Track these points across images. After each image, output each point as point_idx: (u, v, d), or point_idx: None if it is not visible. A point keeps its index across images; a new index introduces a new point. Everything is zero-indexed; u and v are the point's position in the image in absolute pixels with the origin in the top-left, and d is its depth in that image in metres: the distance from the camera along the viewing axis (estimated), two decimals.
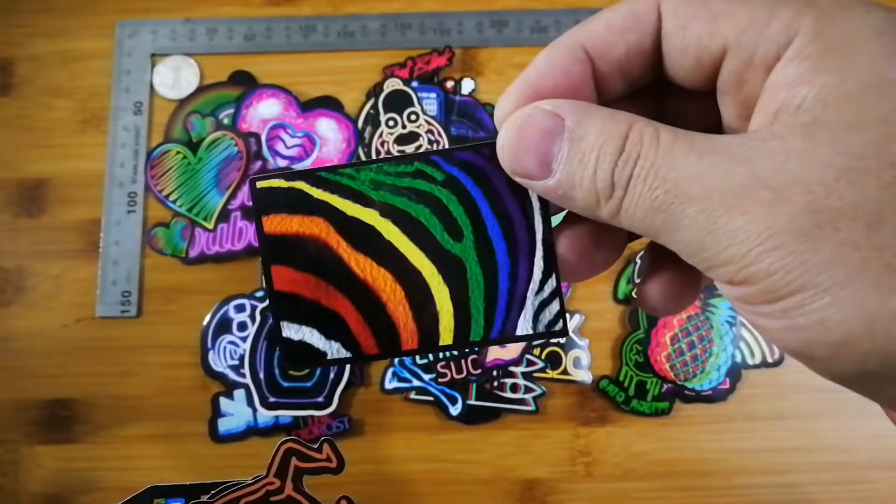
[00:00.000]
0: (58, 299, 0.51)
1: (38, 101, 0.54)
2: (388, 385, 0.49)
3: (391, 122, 0.52)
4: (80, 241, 0.52)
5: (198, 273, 0.51)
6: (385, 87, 0.53)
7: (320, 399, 0.48)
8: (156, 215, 0.52)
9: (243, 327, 0.50)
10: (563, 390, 0.50)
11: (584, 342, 0.50)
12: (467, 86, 0.54)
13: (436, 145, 0.52)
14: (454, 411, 0.49)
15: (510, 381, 0.49)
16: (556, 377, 0.49)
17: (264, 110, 0.53)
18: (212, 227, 0.51)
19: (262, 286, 0.50)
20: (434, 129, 0.52)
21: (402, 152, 0.52)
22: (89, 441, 0.49)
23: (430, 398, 0.49)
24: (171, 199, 0.51)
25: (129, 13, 0.55)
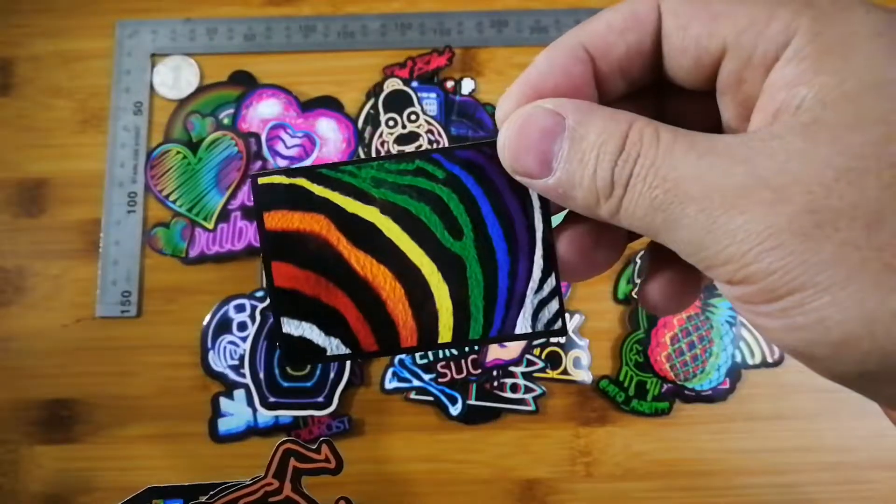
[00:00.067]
0: (58, 299, 0.51)
1: (38, 101, 0.54)
2: (388, 385, 0.49)
3: (391, 122, 0.52)
4: (80, 241, 0.52)
5: (198, 273, 0.51)
6: (385, 87, 0.53)
7: (320, 399, 0.48)
8: (156, 215, 0.52)
9: (243, 327, 0.50)
10: (563, 390, 0.50)
11: (584, 342, 0.50)
12: (467, 86, 0.54)
13: (436, 145, 0.52)
14: (454, 411, 0.49)
15: (510, 381, 0.49)
16: (556, 377, 0.49)
17: (264, 110, 0.53)
18: (212, 227, 0.51)
19: (263, 283, 0.50)
20: (434, 129, 0.52)
21: (404, 151, 0.51)
22: (89, 441, 0.49)
23: (430, 398, 0.49)
24: (171, 199, 0.51)
25: (129, 13, 0.55)
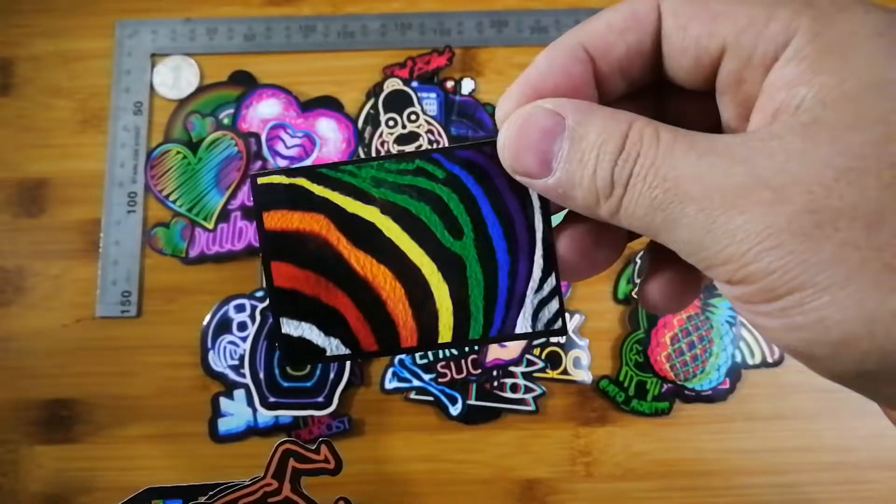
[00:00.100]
0: (58, 299, 0.51)
1: (38, 101, 0.54)
2: (388, 385, 0.49)
3: (391, 122, 0.52)
4: (80, 241, 0.52)
5: (198, 273, 0.51)
6: (385, 87, 0.53)
7: (320, 399, 0.48)
8: (156, 215, 0.52)
9: (243, 327, 0.50)
10: (563, 390, 0.50)
11: (584, 342, 0.50)
12: (467, 86, 0.54)
13: (436, 145, 0.52)
14: (454, 411, 0.49)
15: (510, 381, 0.49)
16: (556, 377, 0.49)
17: (264, 110, 0.53)
18: (212, 227, 0.51)
19: (263, 283, 0.50)
20: (434, 129, 0.52)
21: (404, 151, 0.51)
22: (89, 441, 0.49)
23: (430, 398, 0.49)
24: (171, 199, 0.51)
25: (129, 13, 0.55)
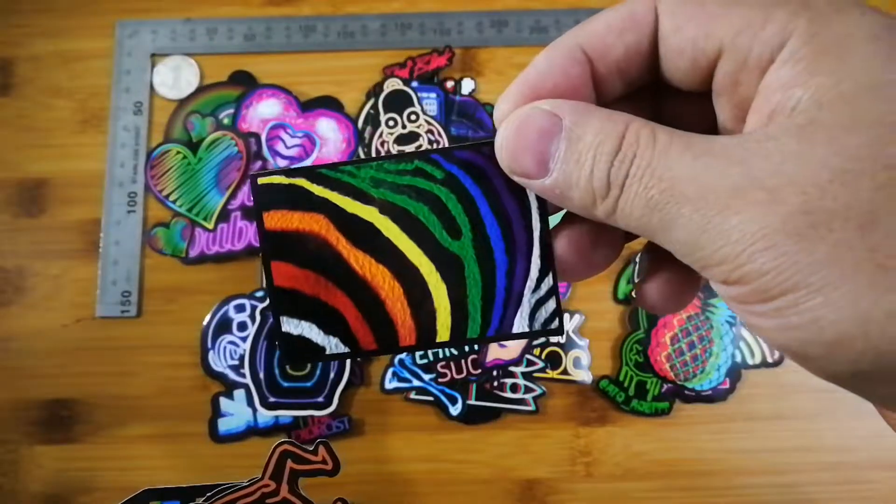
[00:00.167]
0: (58, 299, 0.51)
1: (38, 101, 0.54)
2: (388, 385, 0.49)
3: (391, 122, 0.52)
4: (80, 241, 0.52)
5: (198, 273, 0.51)
6: (385, 87, 0.53)
7: (320, 399, 0.48)
8: (156, 215, 0.52)
9: (243, 327, 0.50)
10: (563, 390, 0.50)
11: (584, 342, 0.50)
12: (467, 86, 0.54)
13: (436, 145, 0.52)
14: (454, 411, 0.49)
15: (510, 381, 0.49)
16: (556, 377, 0.49)
17: (264, 110, 0.53)
18: (212, 227, 0.51)
19: (263, 283, 0.50)
20: (434, 129, 0.52)
21: (403, 151, 0.52)
22: (89, 441, 0.49)
23: (430, 398, 0.49)
24: (171, 199, 0.51)
25: (129, 13, 0.55)
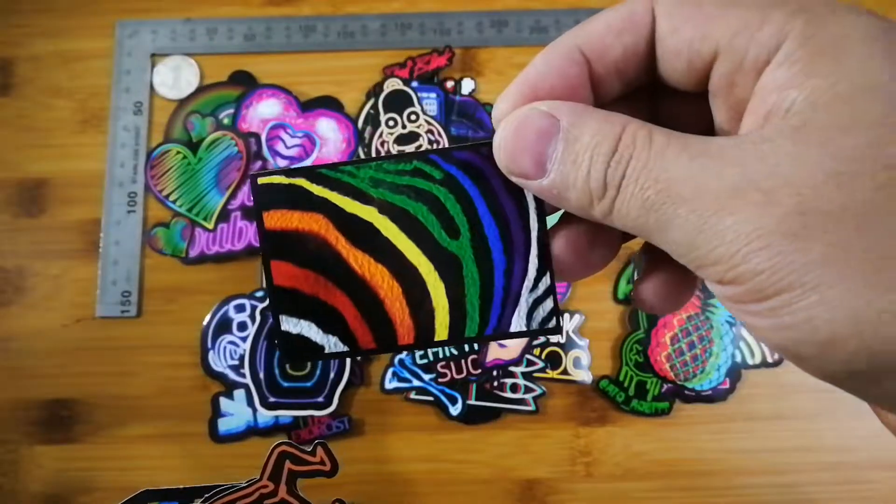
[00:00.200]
0: (58, 299, 0.51)
1: (38, 101, 0.54)
2: (388, 385, 0.49)
3: (391, 122, 0.52)
4: (80, 241, 0.52)
5: (198, 273, 0.51)
6: (385, 87, 0.53)
7: (320, 399, 0.48)
8: (156, 215, 0.52)
9: (243, 327, 0.50)
10: (563, 390, 0.50)
11: (584, 342, 0.50)
12: (467, 86, 0.54)
13: (436, 145, 0.52)
14: (454, 411, 0.49)
15: (510, 381, 0.49)
16: (556, 377, 0.49)
17: (264, 110, 0.53)
18: (212, 227, 0.51)
19: (263, 283, 0.50)
20: (434, 129, 0.52)
21: (402, 152, 0.52)
22: (89, 441, 0.49)
23: (430, 398, 0.49)
24: (171, 199, 0.51)
25: (129, 13, 0.55)
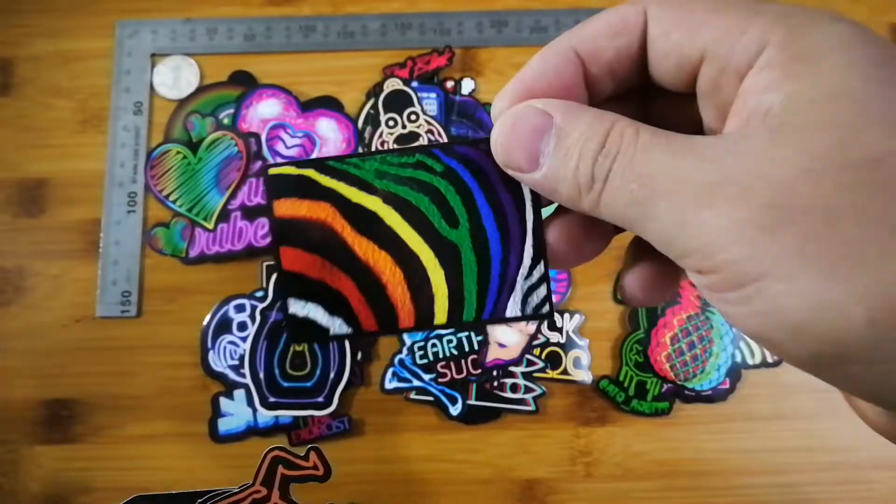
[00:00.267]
0: (58, 299, 0.51)
1: (38, 101, 0.54)
2: (388, 385, 0.49)
3: (391, 122, 0.52)
4: (80, 241, 0.52)
5: (198, 273, 0.51)
6: (385, 87, 0.53)
7: (320, 399, 0.48)
8: (156, 215, 0.52)
9: (243, 327, 0.50)
10: (563, 390, 0.50)
11: (584, 342, 0.50)
12: (467, 86, 0.54)
13: None
14: (454, 411, 0.49)
15: (510, 381, 0.49)
16: (556, 377, 0.49)
17: (264, 110, 0.53)
18: (212, 227, 0.51)
19: (263, 284, 0.51)
20: (434, 129, 0.52)
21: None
22: (89, 441, 0.49)
23: (430, 398, 0.49)
24: (171, 199, 0.51)
25: (129, 13, 0.55)
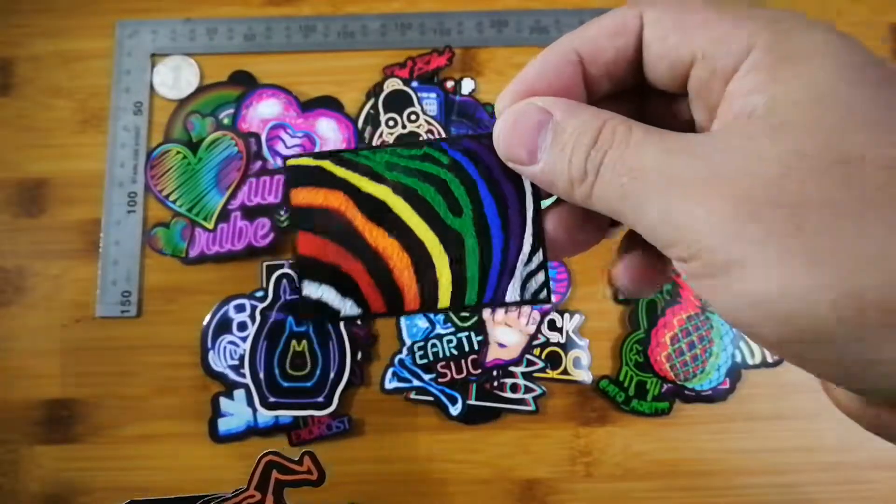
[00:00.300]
0: (58, 299, 0.51)
1: (38, 101, 0.54)
2: (388, 385, 0.49)
3: (391, 122, 0.52)
4: (80, 241, 0.52)
5: (198, 273, 0.51)
6: (385, 87, 0.53)
7: (320, 399, 0.48)
8: (156, 215, 0.52)
9: (243, 327, 0.50)
10: (563, 390, 0.50)
11: (584, 342, 0.50)
12: (467, 86, 0.54)
13: None
14: (454, 411, 0.49)
15: (510, 381, 0.49)
16: (556, 377, 0.49)
17: (264, 110, 0.53)
18: (212, 227, 0.51)
19: (262, 282, 0.51)
20: (434, 129, 0.52)
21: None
22: (89, 441, 0.49)
23: (430, 398, 0.49)
24: (171, 199, 0.51)
25: (129, 13, 0.55)
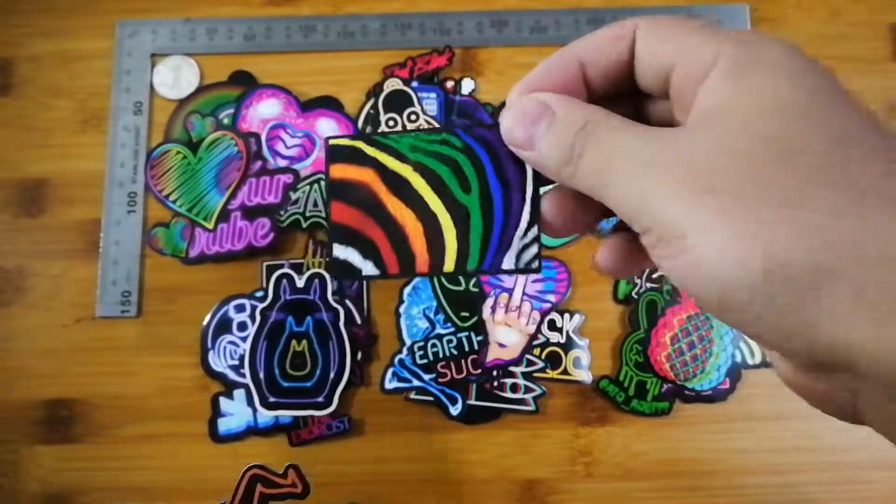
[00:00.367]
0: (58, 299, 0.51)
1: (38, 101, 0.54)
2: (388, 385, 0.49)
3: (391, 122, 0.52)
4: (80, 241, 0.52)
5: (198, 273, 0.51)
6: (385, 87, 0.53)
7: (320, 399, 0.48)
8: (156, 215, 0.52)
9: (243, 327, 0.50)
10: (563, 390, 0.50)
11: (584, 342, 0.50)
12: (467, 86, 0.54)
13: None
14: (454, 411, 0.49)
15: (510, 381, 0.49)
16: (556, 377, 0.49)
17: (264, 110, 0.53)
18: (212, 227, 0.51)
19: (261, 287, 0.51)
20: None
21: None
22: (89, 441, 0.49)
23: (430, 398, 0.49)
24: (171, 199, 0.51)
25: (129, 13, 0.55)
